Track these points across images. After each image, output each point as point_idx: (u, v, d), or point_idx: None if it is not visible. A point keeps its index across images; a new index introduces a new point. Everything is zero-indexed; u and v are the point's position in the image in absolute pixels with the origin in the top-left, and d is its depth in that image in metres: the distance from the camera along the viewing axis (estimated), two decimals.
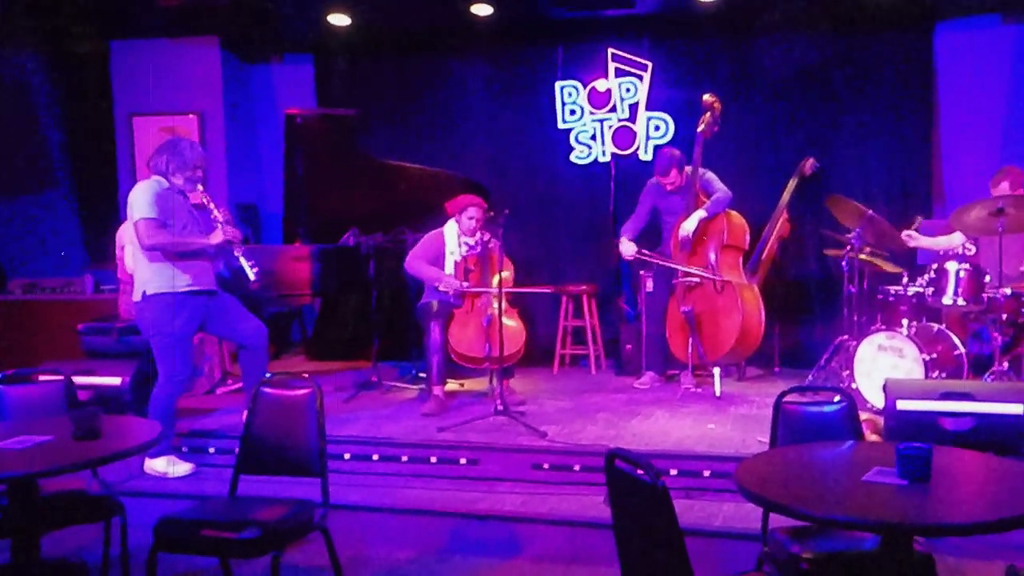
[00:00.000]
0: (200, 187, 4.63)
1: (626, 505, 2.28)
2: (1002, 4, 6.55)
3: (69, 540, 3.56)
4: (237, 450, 3.47)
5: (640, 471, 2.16)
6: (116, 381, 5.22)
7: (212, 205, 4.62)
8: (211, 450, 4.93)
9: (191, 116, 7.46)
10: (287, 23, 7.17)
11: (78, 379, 4.34)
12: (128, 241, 5.68)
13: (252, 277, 4.63)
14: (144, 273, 4.58)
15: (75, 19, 7.10)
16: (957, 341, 5.08)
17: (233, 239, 4.59)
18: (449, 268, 5.65)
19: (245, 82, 7.86)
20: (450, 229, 5.70)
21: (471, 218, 5.61)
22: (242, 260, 4.63)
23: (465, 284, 5.56)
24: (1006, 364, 4.87)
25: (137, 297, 4.61)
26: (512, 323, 5.54)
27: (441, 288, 5.53)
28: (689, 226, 5.79)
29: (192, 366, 4.82)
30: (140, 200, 4.49)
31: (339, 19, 6.94)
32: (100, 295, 7.34)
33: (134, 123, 7.53)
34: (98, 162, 7.79)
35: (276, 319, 7.48)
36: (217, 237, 4.57)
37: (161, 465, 4.65)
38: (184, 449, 4.90)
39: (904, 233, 5.48)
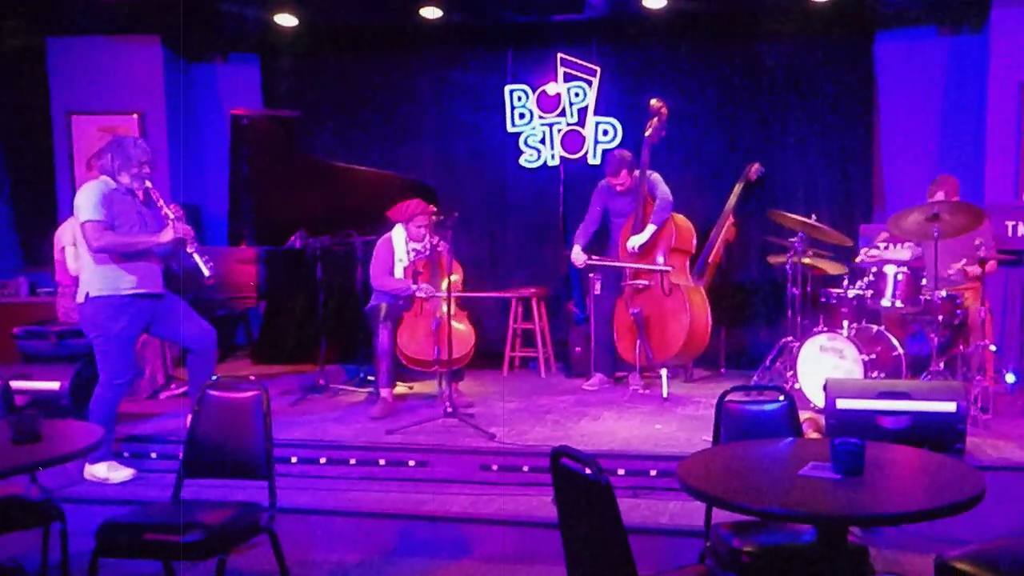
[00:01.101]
0: (148, 183, 4.53)
1: (571, 501, 2.30)
2: (937, 17, 6.76)
3: (6, 547, 3.47)
4: (181, 454, 3.42)
5: (584, 468, 2.19)
6: (54, 385, 5.10)
7: (161, 202, 4.53)
8: (153, 455, 4.84)
9: (132, 116, 7.31)
10: (232, 23, 7.09)
11: (14, 384, 4.24)
12: (70, 242, 5.57)
13: (207, 273, 4.53)
14: (88, 275, 4.49)
15: (9, 14, 6.92)
16: (895, 342, 5.22)
17: (185, 236, 4.50)
18: (399, 274, 5.63)
19: (188, 82, 7.74)
20: (397, 235, 5.67)
21: (419, 226, 5.59)
22: (196, 257, 4.51)
23: (424, 287, 5.53)
24: (942, 364, 5.01)
25: (80, 299, 4.51)
26: (462, 326, 5.55)
27: (420, 295, 5.50)
28: (640, 240, 5.87)
29: (135, 369, 4.73)
30: (85, 202, 4.39)
31: (286, 19, 6.88)
32: (36, 298, 7.16)
33: (73, 122, 7.36)
34: (34, 161, 7.59)
35: (221, 322, 7.33)
36: (167, 235, 4.47)
37: (101, 471, 4.55)
38: (125, 454, 4.80)
39: (860, 257, 5.61)
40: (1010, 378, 5.35)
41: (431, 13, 6.71)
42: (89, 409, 4.50)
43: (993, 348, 5.23)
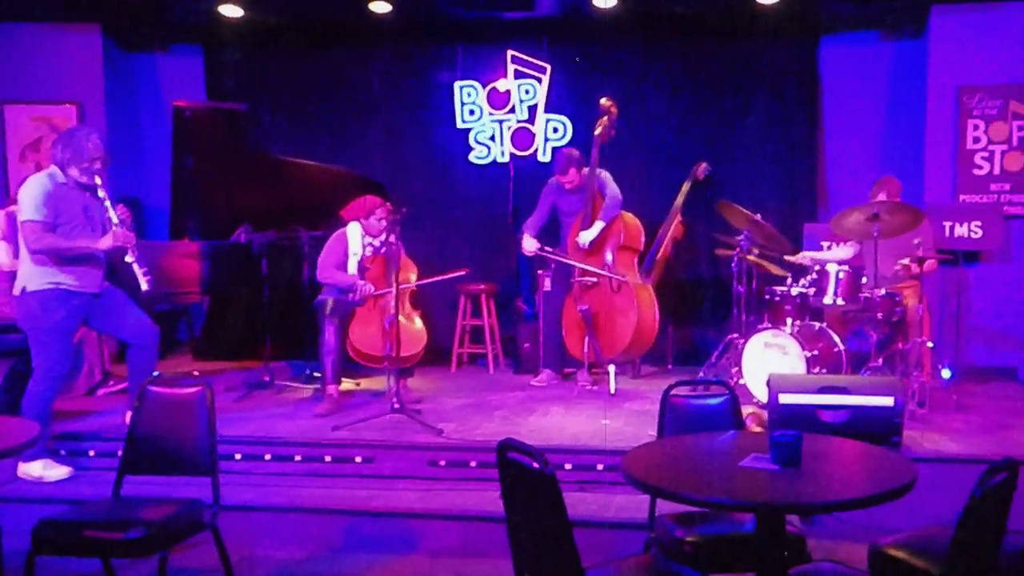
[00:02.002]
0: (98, 180, 4.41)
1: (517, 493, 2.31)
2: (879, 22, 6.91)
3: None
4: (121, 451, 3.35)
5: (530, 460, 2.19)
6: None
7: (108, 203, 4.42)
8: (91, 453, 4.73)
9: (69, 106, 7.10)
10: (175, 12, 6.92)
11: None
12: (2, 237, 5.41)
13: (144, 286, 4.44)
14: (27, 269, 4.38)
15: None
16: (837, 339, 5.34)
17: (126, 244, 4.39)
18: (352, 268, 5.58)
19: (128, 72, 7.54)
20: (353, 230, 5.62)
21: (380, 219, 5.55)
22: (135, 267, 4.41)
23: (365, 286, 5.48)
24: (881, 360, 5.15)
25: (17, 291, 4.40)
26: (415, 325, 5.52)
27: (354, 297, 5.44)
28: (590, 236, 5.90)
29: (72, 362, 4.61)
30: (28, 199, 4.28)
31: (231, 10, 6.73)
32: None
33: (5, 111, 7.12)
34: None
35: (162, 317, 7.19)
36: (107, 242, 4.37)
37: (36, 469, 4.43)
38: (62, 452, 4.68)
39: (798, 257, 5.72)
40: (946, 374, 5.50)
41: (380, 8, 6.65)
42: (23, 404, 4.39)
43: (930, 345, 5.37)
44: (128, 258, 4.42)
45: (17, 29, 7.00)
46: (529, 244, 5.99)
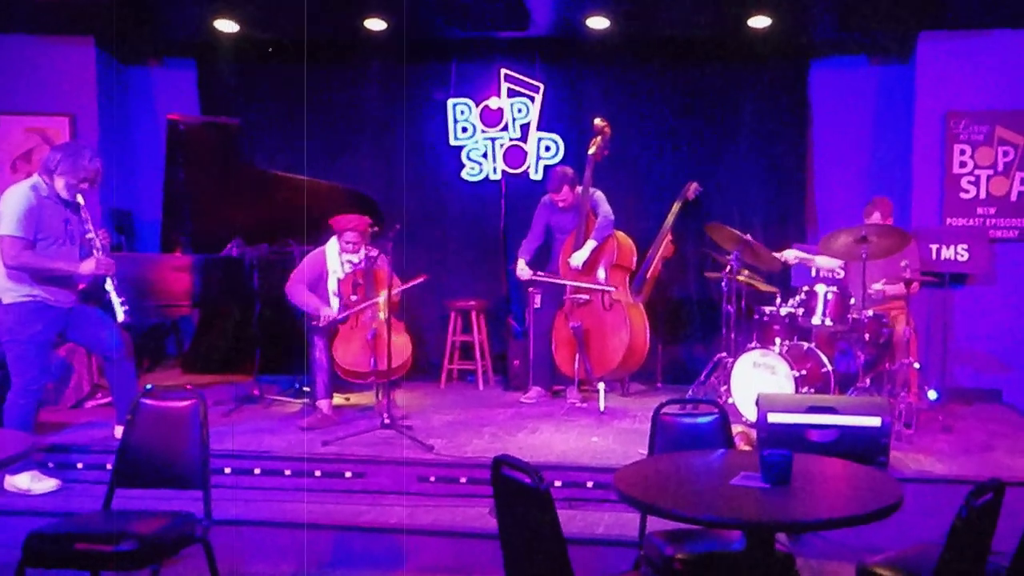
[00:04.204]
0: (81, 200, 4.40)
1: (511, 509, 2.33)
2: (868, 48, 7.02)
3: None
4: (110, 464, 3.35)
5: (524, 476, 2.21)
6: None
7: (91, 225, 4.41)
8: (79, 465, 4.71)
9: (62, 117, 7.09)
10: (169, 26, 6.95)
11: None
12: None
13: (121, 318, 4.44)
14: (2, 282, 4.35)
15: None
16: (825, 359, 5.38)
17: (107, 272, 4.38)
18: (332, 286, 5.58)
19: (122, 84, 7.55)
20: (331, 248, 5.63)
21: (348, 241, 5.55)
22: (113, 297, 4.40)
23: (353, 298, 5.49)
24: (868, 381, 5.20)
25: None
26: (398, 337, 5.53)
27: (318, 323, 5.40)
28: (582, 257, 5.94)
29: (50, 375, 4.60)
30: (9, 212, 4.24)
31: (226, 25, 6.77)
32: None
33: None
34: None
35: (151, 331, 7.20)
36: (88, 267, 4.36)
37: (24, 481, 4.41)
38: (50, 464, 4.66)
39: (784, 253, 5.77)
40: (932, 395, 5.55)
41: (375, 25, 6.70)
42: (4, 418, 4.35)
43: (917, 366, 5.40)
44: (108, 286, 4.41)
45: (11, 40, 7.00)
46: (523, 271, 6.05)
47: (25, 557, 2.92)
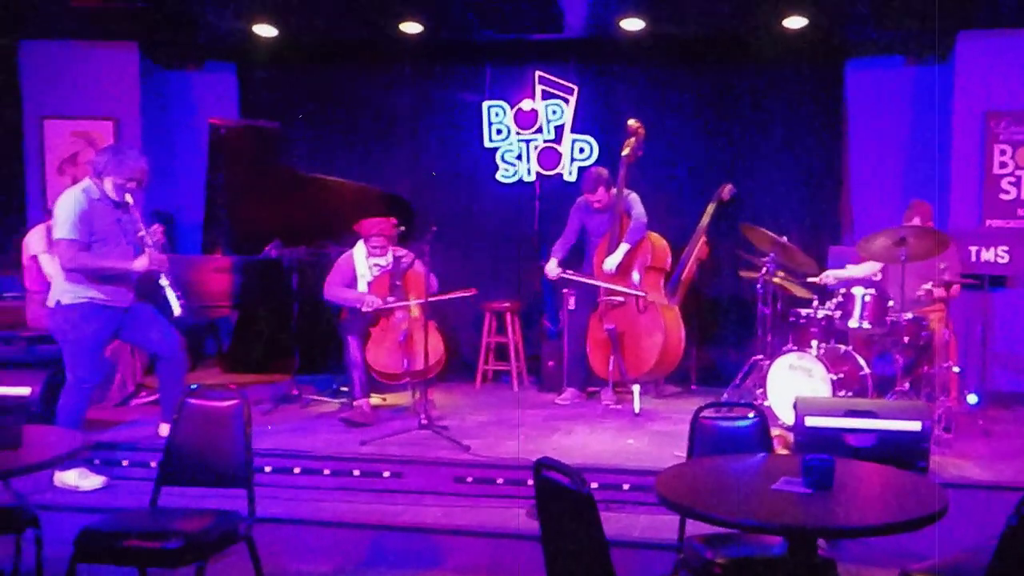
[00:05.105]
0: (129, 199, 4.51)
1: (552, 512, 2.35)
2: (905, 47, 6.95)
3: None
4: (154, 462, 3.43)
5: (567, 479, 2.24)
6: (25, 391, 5.00)
7: (142, 224, 4.52)
8: (124, 463, 4.81)
9: (107, 121, 7.25)
10: (210, 31, 7.07)
11: None
12: (41, 249, 5.54)
13: (177, 311, 4.52)
14: (60, 283, 4.49)
15: None
16: (862, 362, 5.34)
17: (160, 268, 4.48)
18: (363, 289, 5.65)
19: (164, 88, 7.70)
20: (359, 252, 5.69)
21: (375, 245, 5.61)
22: (169, 292, 4.49)
23: (390, 300, 5.55)
24: (907, 384, 5.15)
25: (51, 303, 4.49)
26: (429, 337, 5.56)
27: (364, 309, 5.50)
28: (615, 260, 5.94)
29: (103, 374, 4.71)
30: (63, 216, 4.36)
31: (265, 30, 6.88)
32: (1, 302, 7.05)
33: (45, 126, 7.28)
34: (3, 164, 7.49)
35: (192, 331, 7.31)
36: (142, 263, 4.46)
37: (72, 478, 4.52)
38: (96, 462, 4.76)
39: (822, 277, 5.73)
40: (972, 399, 5.49)
41: (411, 28, 6.76)
42: (57, 414, 4.47)
43: (956, 369, 5.36)
44: (163, 281, 4.50)
45: (58, 46, 7.17)
46: (552, 269, 6.06)
47: (77, 552, 2.99)
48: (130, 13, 6.60)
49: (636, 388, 5.82)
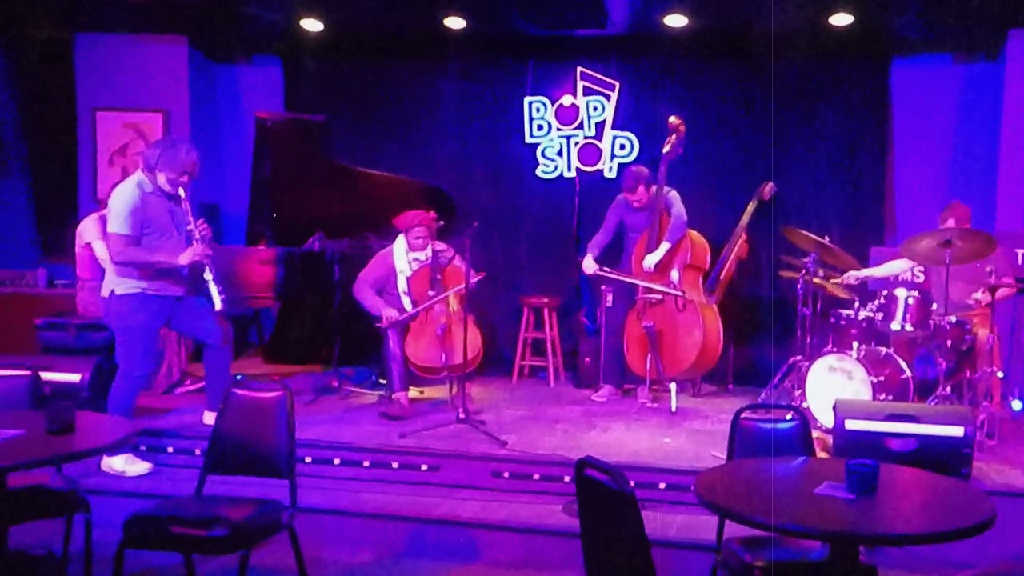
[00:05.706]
0: (182, 192, 4.61)
1: (594, 511, 2.37)
2: (952, 46, 6.84)
3: (25, 534, 3.54)
4: (199, 450, 3.50)
5: (609, 478, 2.26)
6: (75, 378, 5.16)
7: (191, 217, 4.61)
8: (169, 450, 4.90)
9: (156, 113, 7.40)
10: (258, 26, 7.17)
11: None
12: (95, 237, 5.67)
13: (218, 306, 4.62)
14: (111, 274, 4.61)
15: (38, 8, 7.00)
16: (904, 365, 5.27)
17: (203, 260, 4.57)
18: (402, 286, 5.69)
19: (211, 82, 7.83)
20: (399, 247, 5.73)
21: (417, 237, 5.65)
22: (211, 285, 4.59)
23: (404, 316, 5.55)
24: (949, 389, 5.07)
25: (105, 293, 4.61)
26: (468, 330, 5.60)
27: (381, 325, 5.50)
28: (655, 258, 5.93)
29: (156, 363, 4.82)
30: (116, 210, 4.48)
31: (311, 24, 6.96)
32: (53, 290, 7.22)
33: (97, 117, 7.45)
34: (57, 155, 7.68)
35: (234, 321, 7.42)
36: (187, 257, 4.55)
37: (119, 463, 4.63)
38: (142, 448, 4.87)
39: (844, 277, 5.67)
40: (1016, 405, 5.40)
41: (455, 23, 6.80)
42: (108, 401, 4.59)
43: (1000, 374, 5.27)
44: (206, 275, 4.59)
45: (110, 40, 7.33)
46: (589, 265, 6.05)
47: (126, 537, 3.07)
48: (180, 7, 6.73)
49: (673, 386, 5.82)
